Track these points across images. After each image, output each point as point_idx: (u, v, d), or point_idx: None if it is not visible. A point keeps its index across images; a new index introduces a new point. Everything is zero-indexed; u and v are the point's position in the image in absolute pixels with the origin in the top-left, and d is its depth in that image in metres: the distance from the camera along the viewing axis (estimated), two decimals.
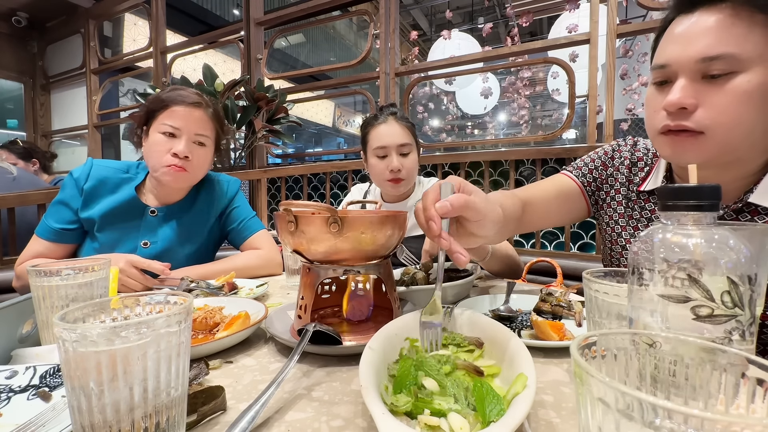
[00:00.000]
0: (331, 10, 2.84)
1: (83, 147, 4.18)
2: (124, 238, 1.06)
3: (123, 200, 1.07)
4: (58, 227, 1.06)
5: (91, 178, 1.07)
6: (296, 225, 0.55)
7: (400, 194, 1.33)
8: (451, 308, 0.52)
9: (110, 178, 1.09)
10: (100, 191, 1.07)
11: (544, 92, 7.32)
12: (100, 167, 1.10)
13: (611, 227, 0.85)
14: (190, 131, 1.05)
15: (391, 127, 1.22)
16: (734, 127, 0.58)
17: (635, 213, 0.81)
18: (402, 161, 1.21)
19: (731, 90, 0.57)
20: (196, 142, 1.07)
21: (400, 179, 1.22)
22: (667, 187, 0.35)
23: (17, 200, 1.79)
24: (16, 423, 0.37)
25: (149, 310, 0.36)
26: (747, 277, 0.32)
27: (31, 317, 0.56)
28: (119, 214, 1.07)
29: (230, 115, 2.45)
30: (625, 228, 0.82)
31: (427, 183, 1.38)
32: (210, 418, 0.39)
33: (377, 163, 1.23)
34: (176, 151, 1.02)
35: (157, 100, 1.06)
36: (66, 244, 1.08)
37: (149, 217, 1.09)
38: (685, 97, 0.59)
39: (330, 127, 10.52)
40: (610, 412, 0.21)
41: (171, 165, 1.03)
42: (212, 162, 1.16)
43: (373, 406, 0.33)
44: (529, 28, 6.19)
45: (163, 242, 1.09)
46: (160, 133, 1.03)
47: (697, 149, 0.61)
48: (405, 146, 1.22)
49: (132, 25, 4.66)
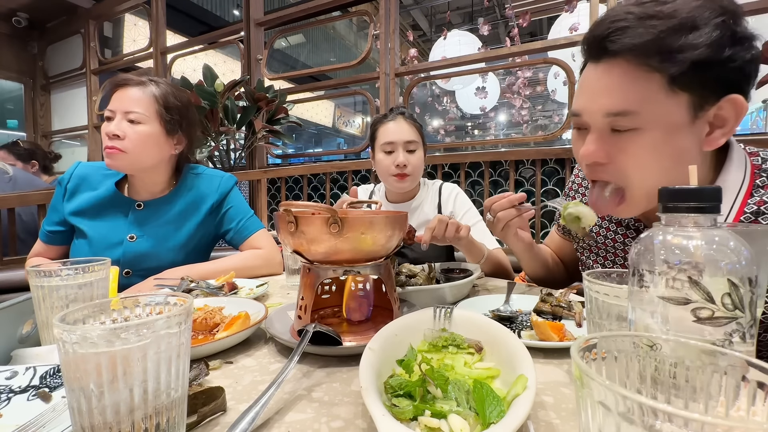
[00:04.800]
0: (331, 11, 2.84)
1: (83, 147, 4.18)
2: (111, 232, 1.07)
3: (104, 195, 1.09)
4: (48, 229, 1.10)
5: (74, 177, 1.10)
6: (296, 225, 0.55)
7: (405, 194, 1.34)
8: (451, 308, 0.52)
9: (92, 175, 1.11)
10: (81, 187, 1.09)
11: (544, 92, 7.33)
12: (85, 167, 1.13)
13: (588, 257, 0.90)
14: (121, 110, 1.03)
15: (399, 125, 1.25)
16: (644, 181, 0.61)
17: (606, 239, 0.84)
18: (408, 157, 1.24)
19: (638, 147, 0.59)
20: (127, 120, 1.03)
21: (405, 174, 1.24)
22: (668, 189, 0.35)
23: (17, 200, 1.80)
24: (16, 424, 0.36)
25: (149, 311, 0.36)
26: (747, 279, 0.31)
27: (31, 317, 0.56)
28: (102, 208, 1.08)
29: (230, 116, 2.45)
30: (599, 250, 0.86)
31: (432, 185, 1.38)
32: (210, 419, 0.39)
33: (384, 158, 1.25)
34: (106, 131, 1.02)
35: (107, 89, 1.07)
36: (56, 245, 1.12)
37: (135, 210, 1.09)
38: (597, 153, 0.62)
39: (330, 127, 10.52)
40: (611, 415, 0.21)
41: (106, 146, 1.03)
42: (169, 145, 1.11)
43: (373, 407, 0.33)
44: (529, 28, 6.20)
45: (150, 236, 1.08)
46: (105, 119, 1.04)
47: (625, 208, 0.65)
48: (412, 143, 1.24)
49: (132, 26, 4.66)
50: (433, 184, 1.39)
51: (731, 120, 0.57)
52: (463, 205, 1.33)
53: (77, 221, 1.07)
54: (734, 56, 0.54)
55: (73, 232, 1.10)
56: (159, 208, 1.11)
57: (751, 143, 1.50)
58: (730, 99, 0.56)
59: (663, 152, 0.58)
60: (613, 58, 0.59)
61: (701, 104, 0.56)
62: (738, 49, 0.54)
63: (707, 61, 0.53)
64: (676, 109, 0.57)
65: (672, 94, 0.56)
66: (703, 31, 0.53)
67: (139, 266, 1.05)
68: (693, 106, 0.56)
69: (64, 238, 1.11)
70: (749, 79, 0.57)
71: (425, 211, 1.34)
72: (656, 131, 0.58)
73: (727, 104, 0.56)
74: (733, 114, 0.57)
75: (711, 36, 0.53)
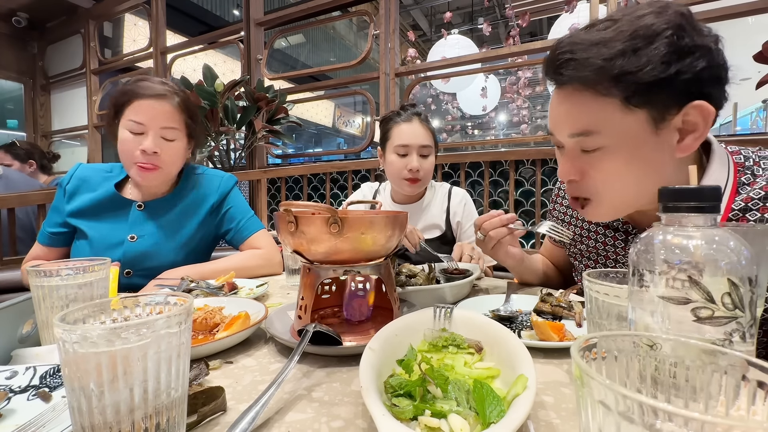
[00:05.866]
0: (331, 11, 2.84)
1: (83, 147, 4.18)
2: (111, 233, 1.06)
3: (103, 196, 1.08)
4: (50, 230, 1.09)
5: (74, 179, 1.09)
6: (296, 225, 0.55)
7: (413, 196, 1.33)
8: (451, 308, 0.52)
9: (92, 177, 1.10)
10: (81, 189, 1.08)
11: (544, 92, 7.33)
12: (85, 169, 1.12)
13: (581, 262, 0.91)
14: (156, 126, 1.01)
15: (414, 127, 1.23)
16: (616, 195, 0.64)
17: (595, 242, 0.85)
18: (421, 162, 1.22)
19: (607, 164, 0.62)
20: (163, 137, 1.03)
21: (417, 179, 1.23)
22: (668, 189, 0.35)
23: (17, 200, 1.80)
24: (16, 423, 0.36)
25: (149, 311, 0.36)
26: (747, 279, 0.32)
27: (31, 317, 0.56)
28: (102, 209, 1.08)
29: (230, 116, 2.45)
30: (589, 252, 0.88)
31: (439, 187, 1.38)
32: (210, 418, 0.39)
33: (396, 160, 1.23)
34: (144, 147, 1.00)
35: (121, 93, 1.02)
36: (57, 247, 1.11)
37: (136, 211, 1.09)
38: (571, 171, 0.66)
39: (330, 127, 10.52)
40: (611, 415, 0.21)
41: (139, 163, 1.01)
42: (187, 153, 1.12)
43: (373, 407, 0.33)
44: (529, 28, 6.20)
45: (151, 236, 1.08)
46: (126, 129, 1.01)
47: (592, 213, 0.68)
48: (426, 147, 1.23)
49: (132, 26, 4.66)
50: (440, 187, 1.38)
51: (701, 125, 0.58)
52: (470, 216, 1.32)
53: (78, 222, 1.07)
54: (683, 69, 0.54)
55: (74, 233, 1.10)
56: (160, 208, 1.11)
57: (751, 143, 1.51)
58: (694, 105, 0.56)
59: (632, 166, 0.60)
60: (568, 85, 0.61)
61: (662, 117, 0.57)
62: (687, 62, 0.54)
63: (654, 80, 0.54)
64: (636, 125, 0.58)
65: (629, 112, 0.57)
66: (646, 52, 0.54)
67: (140, 266, 1.05)
68: (653, 119, 0.57)
69: (65, 240, 1.10)
70: (715, 83, 0.57)
71: (432, 213, 1.33)
72: (621, 148, 0.60)
73: (692, 110, 0.57)
74: (701, 119, 0.57)
75: (655, 56, 0.54)
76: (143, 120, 1.00)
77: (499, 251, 0.84)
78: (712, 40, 0.56)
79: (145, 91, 1.01)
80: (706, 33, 0.56)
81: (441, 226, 1.32)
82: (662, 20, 0.55)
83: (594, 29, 0.59)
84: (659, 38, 0.54)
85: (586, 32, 0.59)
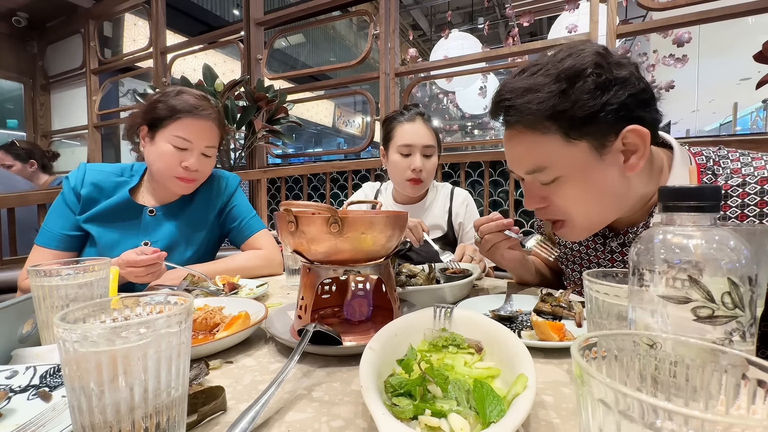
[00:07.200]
0: (331, 11, 2.84)
1: (83, 147, 4.18)
2: (124, 239, 1.06)
3: (118, 203, 1.07)
4: (64, 233, 1.05)
5: (86, 184, 1.07)
6: (296, 225, 0.55)
7: (414, 196, 1.32)
8: (451, 308, 0.52)
9: (104, 182, 1.09)
10: (95, 196, 1.07)
11: None
12: (94, 172, 1.09)
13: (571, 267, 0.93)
14: (200, 144, 1.06)
15: (418, 127, 1.22)
16: (583, 216, 0.68)
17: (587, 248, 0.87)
18: (424, 162, 1.22)
19: (565, 192, 0.67)
20: (204, 154, 1.08)
21: (420, 180, 1.22)
22: (668, 188, 0.35)
23: (17, 200, 1.80)
24: (16, 423, 0.36)
25: (149, 310, 0.36)
26: (747, 278, 0.32)
27: (31, 317, 0.56)
28: (115, 216, 1.07)
29: (230, 116, 2.45)
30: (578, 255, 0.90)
31: (441, 188, 1.37)
32: (210, 418, 0.39)
33: (400, 160, 1.23)
34: (187, 164, 1.04)
35: (167, 108, 1.04)
36: (70, 251, 1.07)
37: (148, 217, 1.09)
38: (535, 201, 0.71)
39: (330, 127, 10.52)
40: (611, 413, 0.21)
41: (180, 177, 1.05)
42: None
43: (373, 406, 0.33)
44: (529, 28, 6.19)
45: (163, 241, 1.09)
46: (170, 144, 1.03)
47: (569, 234, 0.72)
48: (429, 148, 1.22)
49: (132, 26, 4.66)
50: (442, 187, 1.38)
51: (640, 145, 0.62)
52: (472, 217, 1.32)
53: (90, 227, 1.06)
54: (609, 101, 0.59)
55: (88, 237, 1.08)
56: (171, 213, 1.12)
57: (751, 143, 1.50)
58: (630, 129, 0.61)
59: (588, 189, 0.65)
60: (513, 126, 0.67)
61: (602, 144, 0.62)
62: (611, 94, 0.59)
63: (585, 115, 0.59)
64: (581, 155, 0.63)
65: (571, 145, 0.62)
66: (572, 91, 0.59)
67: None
68: (594, 148, 0.62)
69: (79, 243, 1.08)
70: (644, 106, 0.61)
71: (434, 213, 1.33)
72: (574, 176, 0.65)
73: (629, 134, 0.61)
74: (639, 140, 0.61)
75: (581, 94, 0.59)
76: (191, 138, 1.04)
77: (495, 254, 0.86)
78: (632, 69, 0.61)
79: (194, 110, 1.04)
80: (625, 63, 0.61)
81: (443, 227, 1.32)
82: (580, 61, 0.60)
83: (525, 75, 0.64)
84: (580, 78, 0.59)
85: (520, 78, 0.64)
